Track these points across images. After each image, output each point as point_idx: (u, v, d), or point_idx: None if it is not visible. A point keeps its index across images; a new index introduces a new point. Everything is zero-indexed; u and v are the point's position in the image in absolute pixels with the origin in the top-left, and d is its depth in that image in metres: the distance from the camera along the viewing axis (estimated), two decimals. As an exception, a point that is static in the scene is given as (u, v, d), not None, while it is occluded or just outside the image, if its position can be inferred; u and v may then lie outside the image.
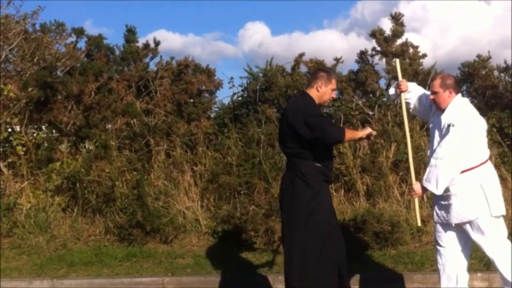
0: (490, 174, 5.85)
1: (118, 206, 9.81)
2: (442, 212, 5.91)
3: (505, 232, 5.83)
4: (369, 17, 33.93)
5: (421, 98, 6.33)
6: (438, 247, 6.06)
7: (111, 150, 10.48)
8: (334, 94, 6.29)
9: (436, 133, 5.88)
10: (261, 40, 32.56)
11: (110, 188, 9.99)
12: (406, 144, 6.63)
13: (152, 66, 11.88)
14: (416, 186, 5.85)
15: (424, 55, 11.53)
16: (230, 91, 11.69)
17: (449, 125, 5.66)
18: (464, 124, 5.67)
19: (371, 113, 10.80)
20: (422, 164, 9.84)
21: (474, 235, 5.77)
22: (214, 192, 10.07)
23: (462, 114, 5.76)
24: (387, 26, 11.58)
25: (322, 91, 5.96)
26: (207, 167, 10.43)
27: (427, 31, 27.89)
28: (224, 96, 13.01)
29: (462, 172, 5.67)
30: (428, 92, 6.30)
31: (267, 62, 11.66)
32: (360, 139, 6.12)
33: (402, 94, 6.27)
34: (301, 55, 11.71)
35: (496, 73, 11.52)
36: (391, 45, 11.43)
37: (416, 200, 6.14)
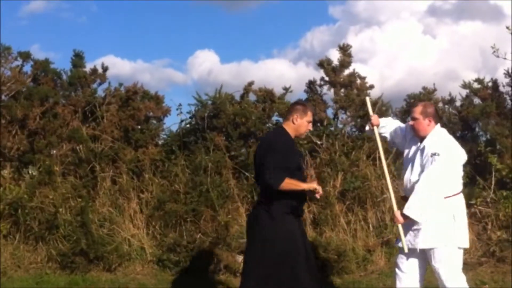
0: (462, 206, 5.96)
1: (61, 233, 9.61)
2: (410, 237, 5.94)
3: (461, 264, 5.92)
4: (318, 48, 34.30)
5: (396, 130, 6.47)
6: (399, 272, 6.08)
7: (55, 176, 10.29)
8: (310, 126, 6.36)
9: (416, 160, 5.96)
10: (210, 68, 32.56)
11: (53, 214, 9.78)
12: (381, 174, 6.68)
13: (100, 92, 11.74)
14: (398, 214, 5.89)
15: (372, 86, 11.64)
16: (178, 118, 11.61)
17: (433, 154, 5.74)
18: (448, 154, 5.78)
19: (319, 142, 10.85)
20: (368, 194, 9.94)
21: (435, 262, 5.83)
22: (160, 220, 9.94)
23: (446, 145, 5.88)
24: (335, 56, 11.70)
25: (298, 124, 6.07)
26: (153, 194, 10.30)
27: (375, 62, 28.33)
28: (172, 123, 12.94)
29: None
30: (403, 125, 6.45)
31: (216, 89, 11.64)
32: (303, 191, 6.03)
33: (375, 129, 6.35)
34: (250, 83, 11.73)
35: (441, 105, 11.73)
36: (339, 75, 11.53)
37: (400, 227, 6.05)
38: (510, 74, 11.24)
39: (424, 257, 5.94)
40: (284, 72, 29.42)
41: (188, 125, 11.65)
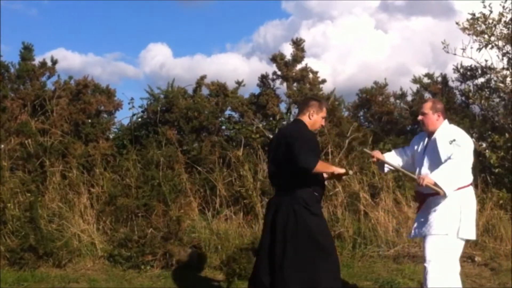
0: (470, 198, 6.05)
1: (10, 229, 9.39)
2: (420, 226, 6.09)
3: (456, 256, 5.97)
4: (271, 42, 34.39)
5: (402, 156, 6.51)
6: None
7: (3, 171, 10.06)
8: (324, 122, 6.37)
9: (428, 153, 6.08)
10: (163, 62, 32.35)
11: (1, 210, 9.56)
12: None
13: (50, 85, 11.55)
14: (426, 177, 5.86)
15: (324, 81, 11.72)
16: (130, 112, 11.53)
17: (452, 141, 5.88)
18: (465, 142, 5.94)
19: (271, 136, 10.82)
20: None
21: (427, 248, 5.92)
22: (111, 215, 9.80)
23: (460, 133, 6.03)
24: (288, 51, 11.74)
25: (314, 119, 6.12)
26: (104, 189, 10.15)
27: (327, 57, 28.50)
28: (123, 117, 12.83)
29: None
30: (400, 149, 6.58)
31: (169, 83, 11.58)
32: (333, 174, 6.06)
33: (384, 160, 6.36)
34: (203, 77, 11.70)
35: (392, 99, 11.87)
36: (292, 69, 11.57)
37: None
38: (459, 69, 11.41)
39: None
40: (237, 66, 29.43)
41: (140, 119, 11.57)
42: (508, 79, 10.23)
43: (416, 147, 6.34)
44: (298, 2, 36.33)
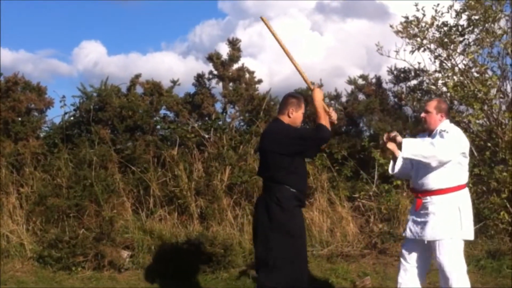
0: (467, 199, 6.09)
1: None
2: (417, 228, 6.08)
3: (463, 255, 6.03)
4: (207, 41, 34.25)
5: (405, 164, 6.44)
6: (404, 263, 6.21)
7: None
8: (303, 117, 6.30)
9: None
10: (97, 59, 31.83)
11: None
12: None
13: (-23, 82, 11.20)
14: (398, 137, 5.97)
15: (260, 81, 11.74)
16: (62, 110, 11.27)
17: (442, 131, 5.95)
18: (456, 135, 5.97)
19: (206, 136, 10.79)
20: (256, 188, 9.97)
21: (440, 254, 5.93)
22: (41, 215, 9.57)
23: (454, 129, 6.08)
24: (224, 50, 11.69)
25: (294, 116, 6.03)
26: (34, 189, 9.92)
27: (264, 57, 28.56)
28: (55, 115, 12.56)
29: (443, 193, 5.94)
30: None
31: (102, 81, 11.39)
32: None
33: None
34: (138, 76, 11.55)
35: (327, 100, 11.93)
36: (228, 69, 11.53)
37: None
38: (393, 71, 11.58)
39: (430, 249, 6.06)
40: (173, 65, 29.20)
41: (72, 118, 11.34)
42: (440, 81, 10.42)
43: None
44: (234, 2, 36.36)
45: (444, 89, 10.31)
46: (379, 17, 31.04)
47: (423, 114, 6.26)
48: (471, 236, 6.07)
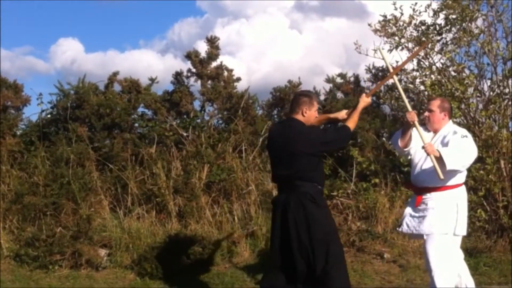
0: (464, 196, 6.19)
1: None
2: (414, 223, 6.17)
3: (456, 251, 6.11)
4: (186, 40, 34.18)
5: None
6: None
7: None
8: (317, 114, 6.31)
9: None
10: (74, 57, 31.59)
11: None
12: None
13: (-48, 80, 11.07)
14: (431, 145, 5.97)
15: (239, 79, 11.72)
16: (39, 108, 11.19)
17: (463, 136, 6.03)
18: (472, 141, 6.11)
19: (185, 134, 10.76)
20: (234, 186, 9.96)
21: (429, 246, 6.01)
22: (17, 213, 9.49)
23: (467, 133, 6.16)
24: (203, 48, 11.66)
25: (308, 115, 6.08)
26: (10, 187, 9.85)
27: (242, 55, 28.55)
28: (32, 113, 12.47)
29: (443, 190, 6.02)
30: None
31: (79, 79, 11.31)
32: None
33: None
34: (115, 73, 11.50)
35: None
36: (206, 67, 11.51)
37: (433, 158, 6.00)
38: (371, 70, 11.62)
39: None
40: (151, 63, 29.08)
41: (49, 115, 11.26)
42: (418, 80, 10.46)
43: (415, 143, 6.36)
44: (212, 1, 36.26)
45: (422, 87, 10.36)
46: (358, 16, 31.17)
47: (426, 113, 6.33)
48: (464, 232, 6.13)
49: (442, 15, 10.02)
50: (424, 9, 10.07)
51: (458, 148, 5.95)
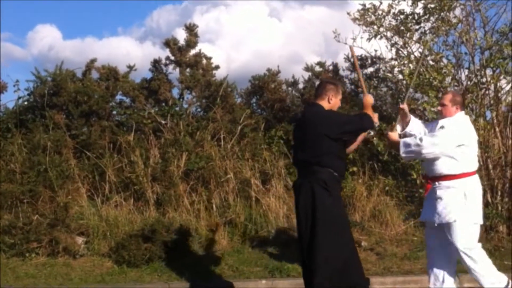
0: (475, 185, 6.24)
1: None
2: (428, 213, 6.28)
3: (476, 238, 6.16)
4: (164, 27, 34.05)
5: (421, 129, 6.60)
6: (429, 243, 6.38)
7: None
8: (340, 103, 6.41)
9: None
10: (52, 44, 31.35)
11: None
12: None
13: None
14: (393, 134, 6.37)
15: (217, 67, 11.69)
16: (16, 94, 11.07)
17: (441, 127, 6.21)
18: (452, 130, 6.17)
19: (163, 122, 10.72)
20: (212, 174, 9.95)
21: (451, 237, 6.08)
22: (-6, 201, 9.41)
23: (455, 123, 6.26)
24: (181, 36, 11.60)
25: (333, 102, 6.19)
26: (-13, 174, 9.73)
27: (221, 43, 28.49)
28: (8, 100, 12.33)
29: (451, 179, 6.13)
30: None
31: (57, 66, 11.20)
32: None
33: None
34: (93, 60, 11.41)
35: (284, 87, 11.97)
36: (185, 55, 11.46)
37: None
38: (350, 58, 11.64)
39: (443, 231, 6.21)
40: (129, 51, 28.95)
41: (26, 103, 11.15)
42: (396, 69, 10.52)
43: (428, 130, 6.53)
44: (191, -13, 36.09)
45: (400, 76, 10.42)
46: (337, 4, 31.26)
47: (439, 108, 6.47)
48: (480, 220, 6.22)
49: (420, 4, 10.06)
50: (403, -2, 10.10)
51: (418, 136, 6.19)
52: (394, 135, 6.38)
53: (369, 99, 6.34)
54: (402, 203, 10.01)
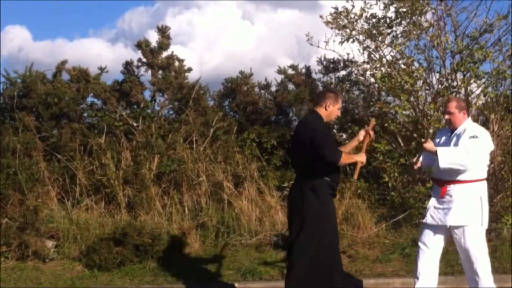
0: (486, 190, 6.33)
1: None
2: (439, 214, 6.26)
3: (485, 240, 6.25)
4: (136, 29, 33.91)
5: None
6: (424, 248, 6.35)
7: None
8: (339, 112, 6.45)
9: (451, 145, 6.30)
10: (21, 45, 31.06)
11: None
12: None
13: None
14: (430, 144, 6.17)
15: (190, 69, 11.65)
16: (-16, 96, 10.92)
17: (471, 136, 6.15)
18: (485, 139, 6.25)
19: (135, 124, 10.66)
20: (185, 177, 9.91)
21: (466, 241, 6.13)
22: (-39, 205, 9.28)
23: (482, 132, 6.35)
24: (153, 38, 11.54)
25: (330, 110, 6.27)
26: (-46, 178, 9.59)
27: (194, 45, 28.43)
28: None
29: (466, 182, 6.17)
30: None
31: (27, 67, 11.10)
32: (355, 163, 6.31)
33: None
34: (64, 62, 11.32)
35: (257, 89, 11.97)
36: (157, 57, 11.40)
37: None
38: (322, 61, 11.68)
39: (450, 235, 6.26)
40: (101, 52, 28.77)
41: (-5, 104, 11.01)
42: (368, 72, 10.56)
43: (438, 140, 6.54)
44: (164, -10, 35.97)
45: (372, 80, 10.47)
46: (310, 7, 31.38)
47: (446, 116, 6.45)
48: (486, 225, 6.30)
49: (392, 8, 10.10)
50: (375, 1, 10.13)
51: (461, 148, 6.13)
52: (430, 145, 6.21)
53: (361, 158, 6.27)
54: (374, 206, 10.05)
